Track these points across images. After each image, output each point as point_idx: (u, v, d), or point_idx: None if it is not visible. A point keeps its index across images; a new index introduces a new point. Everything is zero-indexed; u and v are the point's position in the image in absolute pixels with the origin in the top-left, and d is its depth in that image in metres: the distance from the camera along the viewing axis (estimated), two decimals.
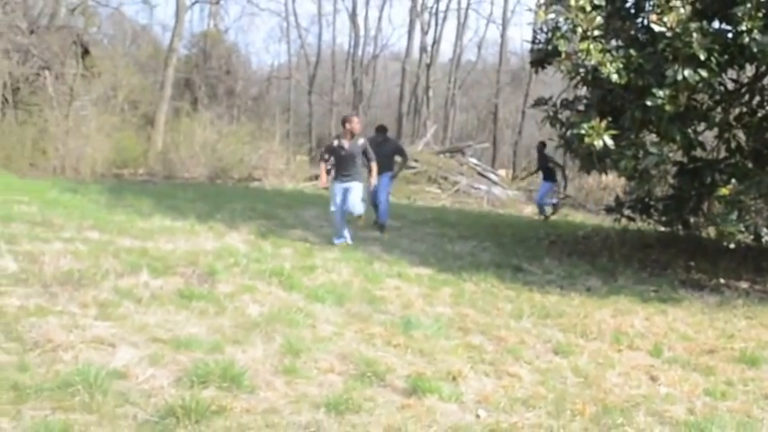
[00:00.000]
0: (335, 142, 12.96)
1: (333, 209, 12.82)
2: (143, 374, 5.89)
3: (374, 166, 12.97)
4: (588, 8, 11.06)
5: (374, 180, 13.18)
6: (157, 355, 6.36)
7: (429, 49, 40.04)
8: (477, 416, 5.72)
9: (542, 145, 19.78)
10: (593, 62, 10.86)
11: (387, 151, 15.21)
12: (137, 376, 5.85)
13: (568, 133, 12.02)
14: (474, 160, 27.80)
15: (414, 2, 39.76)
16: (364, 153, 12.86)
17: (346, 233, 12.96)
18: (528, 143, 40.28)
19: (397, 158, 16.30)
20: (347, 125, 12.78)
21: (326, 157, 13.10)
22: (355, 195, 12.61)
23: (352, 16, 40.72)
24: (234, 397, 5.60)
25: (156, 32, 39.16)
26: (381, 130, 16.07)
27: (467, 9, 41.80)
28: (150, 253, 10.23)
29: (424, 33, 39.99)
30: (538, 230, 17.51)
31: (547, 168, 19.67)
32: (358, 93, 40.42)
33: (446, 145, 33.27)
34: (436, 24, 40.61)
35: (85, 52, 27.68)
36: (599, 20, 11.01)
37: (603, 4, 11.38)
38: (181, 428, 4.96)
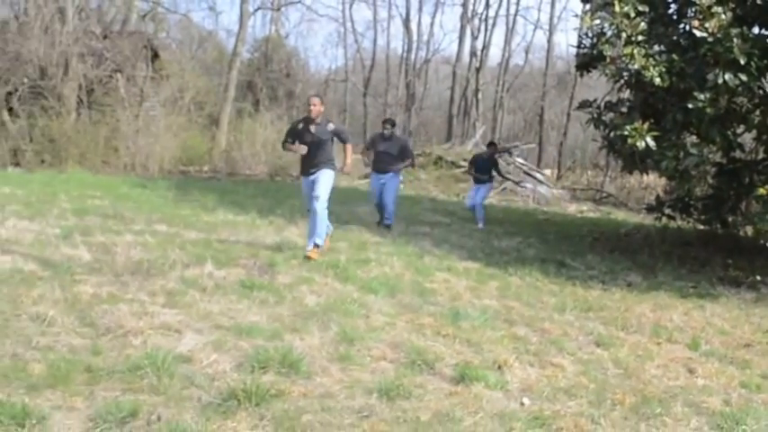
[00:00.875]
0: (300, 125, 10.65)
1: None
2: (207, 359, 5.97)
3: (349, 148, 10.95)
4: (632, 14, 11.00)
5: (348, 167, 11.13)
6: (220, 341, 6.45)
7: (479, 53, 39.88)
8: (522, 403, 5.72)
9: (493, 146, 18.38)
10: (636, 66, 10.79)
11: (393, 149, 14.37)
12: (201, 361, 5.93)
13: (612, 135, 11.96)
14: (520, 160, 27.62)
15: (465, 8, 39.68)
16: (339, 138, 10.84)
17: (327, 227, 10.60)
18: (573, 144, 40.05)
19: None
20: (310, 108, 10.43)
21: (289, 140, 10.63)
22: (322, 183, 10.38)
23: (406, 22, 40.72)
24: (292, 382, 5.65)
25: (221, 37, 39.44)
26: (389, 123, 14.88)
27: (515, 15, 41.72)
28: (214, 245, 10.36)
29: (474, 38, 39.90)
30: (581, 228, 17.42)
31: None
32: (410, 95, 40.36)
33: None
34: (486, 30, 40.48)
35: (155, 56, 27.98)
36: (643, 25, 10.94)
37: (647, 10, 11.28)
38: (242, 411, 5.02)
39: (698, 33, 10.52)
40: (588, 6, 12.70)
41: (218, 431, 4.65)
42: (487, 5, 40.13)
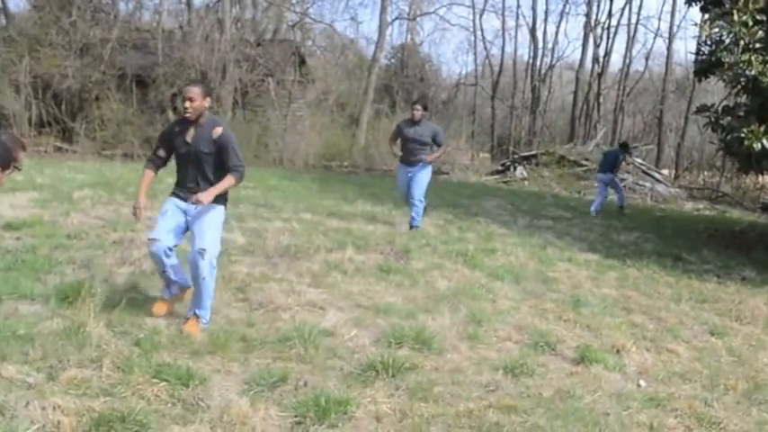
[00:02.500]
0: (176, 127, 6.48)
1: None
2: (348, 334, 6.08)
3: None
4: (750, 23, 10.66)
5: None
6: (360, 318, 6.55)
7: (601, 60, 39.02)
8: (638, 385, 5.63)
9: None
10: (753, 72, 10.49)
11: (423, 135, 11.08)
12: (343, 335, 6.05)
13: (729, 137, 11.66)
14: (639, 160, 26.90)
15: (588, 18, 38.87)
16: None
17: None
18: (690, 146, 38.85)
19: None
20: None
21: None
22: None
23: (532, 31, 40.17)
24: (424, 357, 5.70)
25: (362, 45, 39.67)
26: (419, 104, 11.28)
27: (636, 24, 40.53)
28: (354, 233, 10.48)
29: (597, 46, 39.03)
30: (697, 225, 16.89)
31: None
32: (535, 98, 39.87)
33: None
34: (608, 38, 39.55)
35: (302, 62, 28.48)
36: (761, 33, 10.59)
37: (765, 18, 10.87)
38: (379, 381, 5.09)
39: None
40: (707, 15, 12.39)
41: (358, 398, 4.73)
42: (610, 15, 39.25)
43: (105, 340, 5.31)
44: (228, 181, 5.99)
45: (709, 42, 12.16)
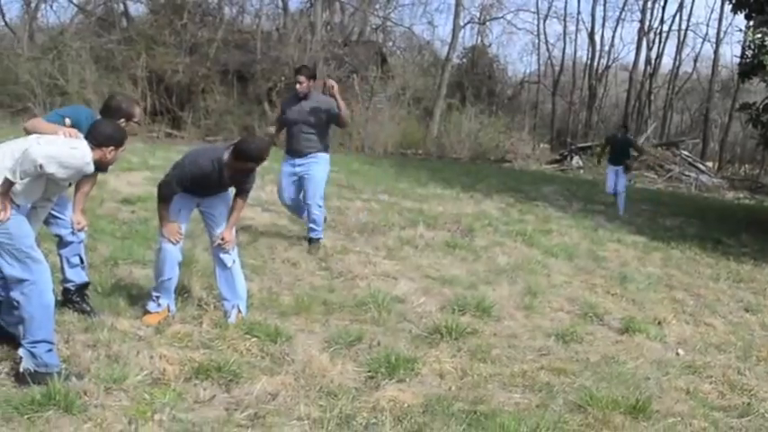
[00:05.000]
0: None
1: None
2: (417, 301, 6.11)
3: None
4: None
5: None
6: (428, 287, 6.57)
7: (652, 61, 38.00)
8: (677, 353, 5.54)
9: None
10: None
11: (312, 116, 7.40)
12: (412, 302, 6.08)
13: None
14: (686, 153, 26.18)
15: (642, 24, 37.84)
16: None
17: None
18: (733, 140, 37.86)
19: None
20: None
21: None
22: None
23: (591, 35, 39.22)
24: (484, 323, 5.69)
25: (437, 46, 39.22)
26: (302, 73, 7.41)
27: (686, 30, 39.26)
28: (425, 212, 10.48)
29: (649, 49, 38.00)
30: (737, 212, 16.41)
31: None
32: (592, 95, 39.05)
33: (663, 140, 31.64)
34: (659, 42, 38.41)
35: (383, 60, 28.46)
36: None
37: None
38: (444, 343, 5.11)
39: None
40: (751, 22, 12.16)
41: (424, 357, 4.75)
42: (662, 21, 38.13)
43: (205, 301, 5.43)
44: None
45: (752, 47, 11.91)
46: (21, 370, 3.92)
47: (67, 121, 4.45)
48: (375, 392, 4.20)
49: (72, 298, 5.04)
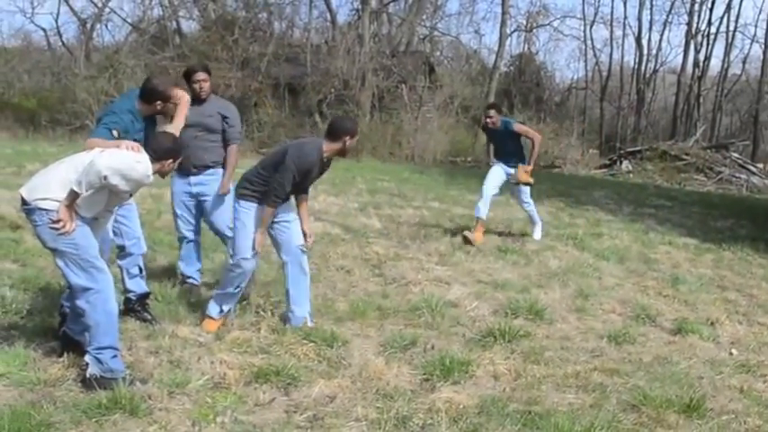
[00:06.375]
0: None
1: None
2: (470, 305, 6.13)
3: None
4: None
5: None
6: (480, 292, 6.59)
7: (701, 64, 37.35)
8: (731, 353, 5.45)
9: None
10: None
11: (210, 122, 5.93)
12: (465, 306, 6.11)
13: None
14: (735, 155, 25.66)
15: (689, 26, 37.24)
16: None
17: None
18: None
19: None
20: None
21: None
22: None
23: (638, 39, 38.72)
24: (537, 326, 5.70)
25: (484, 54, 39.22)
26: (201, 67, 6.23)
27: (734, 31, 38.44)
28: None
29: (697, 52, 37.33)
30: None
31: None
32: (640, 100, 38.53)
33: (712, 142, 31.07)
34: (707, 44, 37.71)
35: (431, 70, 28.50)
36: None
37: None
38: (497, 345, 5.12)
39: None
40: None
41: (478, 359, 4.78)
42: (709, 23, 37.45)
43: (262, 308, 5.55)
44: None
45: None
46: (87, 375, 4.07)
47: (115, 132, 4.51)
48: (430, 394, 4.24)
49: (134, 307, 5.20)
